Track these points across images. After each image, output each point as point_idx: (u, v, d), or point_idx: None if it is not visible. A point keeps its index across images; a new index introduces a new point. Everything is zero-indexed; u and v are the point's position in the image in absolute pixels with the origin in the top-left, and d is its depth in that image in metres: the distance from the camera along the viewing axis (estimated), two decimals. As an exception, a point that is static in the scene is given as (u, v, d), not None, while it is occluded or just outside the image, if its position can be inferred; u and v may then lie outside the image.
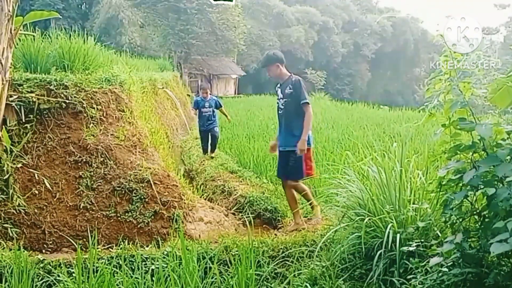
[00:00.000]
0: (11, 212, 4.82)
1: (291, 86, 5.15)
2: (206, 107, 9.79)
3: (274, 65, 5.30)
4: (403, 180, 3.61)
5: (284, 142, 5.27)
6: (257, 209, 6.08)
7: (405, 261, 3.17)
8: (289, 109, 5.18)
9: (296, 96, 5.11)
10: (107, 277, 3.43)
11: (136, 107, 6.50)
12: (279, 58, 5.36)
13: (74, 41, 6.21)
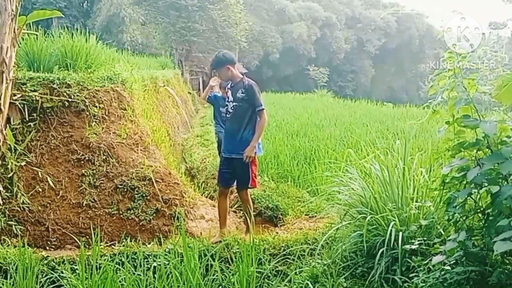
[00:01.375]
0: (16, 209, 4.86)
1: (243, 90, 4.80)
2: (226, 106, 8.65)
3: (224, 67, 4.91)
4: (406, 178, 3.61)
5: (230, 148, 4.88)
6: (258, 207, 6.08)
7: (408, 259, 3.17)
8: (239, 114, 4.82)
9: (248, 101, 4.78)
10: (109, 274, 3.45)
11: (137, 105, 6.52)
12: (229, 59, 4.97)
13: (76, 39, 6.23)
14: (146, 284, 3.56)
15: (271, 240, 4.44)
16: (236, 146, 4.79)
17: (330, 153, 7.42)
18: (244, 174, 4.81)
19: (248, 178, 4.83)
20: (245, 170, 4.79)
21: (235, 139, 4.81)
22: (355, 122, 12.70)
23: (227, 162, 4.90)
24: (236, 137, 4.80)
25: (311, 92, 28.31)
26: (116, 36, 29.54)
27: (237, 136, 4.80)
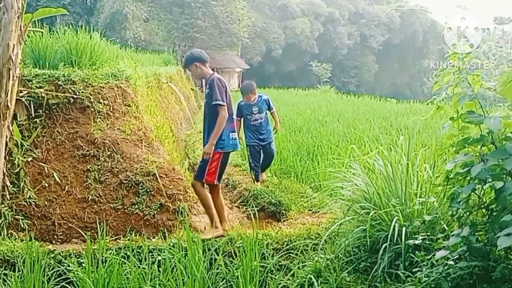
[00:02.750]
0: (22, 204, 4.91)
1: (208, 86, 4.81)
2: (254, 113, 7.09)
3: (192, 66, 4.91)
4: (409, 173, 3.63)
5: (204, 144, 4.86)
6: (261, 203, 6.12)
7: (411, 255, 3.20)
8: (207, 110, 4.85)
9: (210, 96, 4.74)
10: (115, 267, 3.50)
11: (141, 102, 6.55)
12: (196, 57, 4.94)
13: (81, 36, 6.26)
14: (151, 278, 3.61)
15: (274, 235, 4.48)
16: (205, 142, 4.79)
17: (333, 149, 7.44)
18: (201, 165, 4.79)
19: (202, 171, 4.75)
20: (203, 162, 4.76)
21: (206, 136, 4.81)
22: (358, 118, 12.71)
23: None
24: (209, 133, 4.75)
25: (314, 88, 28.33)
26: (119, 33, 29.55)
27: (207, 132, 4.79)
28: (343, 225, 3.89)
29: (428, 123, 10.02)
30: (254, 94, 7.12)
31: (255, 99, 7.10)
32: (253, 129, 7.10)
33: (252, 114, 7.06)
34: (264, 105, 7.12)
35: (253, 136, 7.10)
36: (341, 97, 23.58)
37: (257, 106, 7.05)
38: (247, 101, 7.10)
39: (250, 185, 6.68)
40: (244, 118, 7.14)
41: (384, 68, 51.34)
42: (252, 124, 7.09)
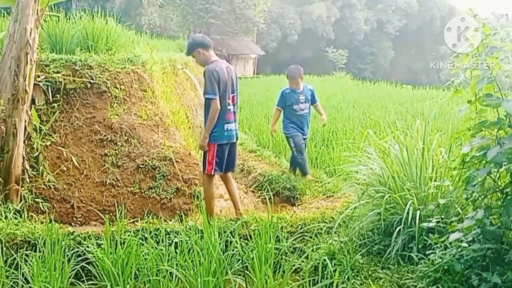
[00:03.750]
0: (42, 187, 5.02)
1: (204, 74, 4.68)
2: (301, 101, 6.39)
3: (195, 52, 4.76)
4: (425, 157, 3.62)
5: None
6: (276, 187, 6.16)
7: (424, 237, 3.22)
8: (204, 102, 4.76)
9: (205, 85, 4.65)
10: (134, 248, 3.57)
11: (157, 87, 6.60)
12: (199, 42, 4.77)
13: (97, 21, 6.32)
14: (168, 259, 3.69)
15: (288, 218, 4.53)
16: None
17: (348, 134, 7.43)
18: (203, 159, 4.82)
19: (204, 164, 4.80)
20: (203, 155, 4.80)
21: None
22: (374, 104, 12.64)
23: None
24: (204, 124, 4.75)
25: (329, 75, 28.09)
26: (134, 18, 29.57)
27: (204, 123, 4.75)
28: (357, 209, 3.91)
29: (444, 109, 9.93)
30: (302, 80, 6.49)
31: (301, 87, 6.46)
32: (298, 121, 6.43)
33: (299, 103, 6.39)
34: (309, 95, 6.50)
35: (297, 128, 6.44)
36: (356, 83, 23.39)
37: (303, 94, 6.42)
38: (294, 88, 6.42)
39: (265, 170, 6.72)
40: (287, 108, 6.45)
41: (401, 54, 50.64)
42: (298, 115, 6.40)
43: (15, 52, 4.83)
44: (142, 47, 7.11)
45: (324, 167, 6.84)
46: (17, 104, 4.79)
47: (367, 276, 3.14)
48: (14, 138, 4.77)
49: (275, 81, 25.63)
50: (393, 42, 49.34)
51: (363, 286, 3.01)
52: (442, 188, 3.49)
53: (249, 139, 9.19)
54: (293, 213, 4.82)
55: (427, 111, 9.42)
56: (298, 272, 3.74)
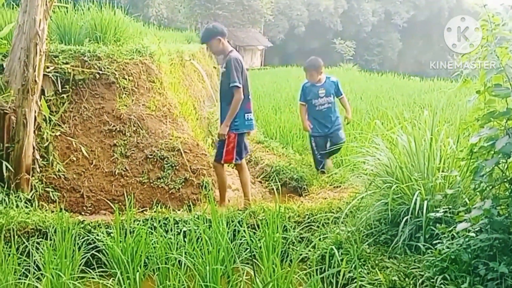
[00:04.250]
0: (52, 177, 5.08)
1: (225, 64, 4.72)
2: (320, 95, 6.09)
3: (215, 40, 4.74)
4: (433, 148, 3.63)
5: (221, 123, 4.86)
6: (283, 178, 6.18)
7: (431, 227, 3.23)
8: (223, 89, 4.78)
9: (227, 76, 4.67)
10: (143, 237, 3.62)
11: (165, 78, 6.63)
12: (220, 31, 4.79)
13: (105, 12, 6.34)
14: (177, 247, 3.73)
15: (296, 208, 4.56)
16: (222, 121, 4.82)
17: (355, 125, 7.42)
18: (218, 148, 4.87)
19: (220, 152, 4.85)
20: (220, 144, 4.85)
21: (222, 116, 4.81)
22: (381, 95, 12.60)
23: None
24: (223, 113, 4.79)
25: (336, 66, 27.98)
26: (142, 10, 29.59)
27: (224, 112, 4.78)
28: (364, 199, 3.93)
29: (452, 101, 9.89)
30: (320, 73, 6.09)
31: (321, 80, 6.11)
32: (319, 116, 6.13)
33: (318, 97, 6.05)
34: (332, 87, 6.11)
35: (318, 125, 6.15)
36: (364, 75, 23.27)
37: (324, 87, 6.07)
38: (312, 81, 6.09)
39: (272, 161, 6.74)
40: (308, 103, 6.16)
41: (408, 46, 50.22)
42: (318, 110, 6.10)
43: (24, 43, 4.86)
44: (150, 38, 7.13)
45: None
46: (27, 95, 4.83)
47: (374, 265, 3.17)
48: (24, 128, 4.82)
49: (283, 72, 25.59)
50: (400, 34, 48.96)
51: (370, 275, 3.04)
52: (449, 179, 3.50)
53: (256, 130, 9.19)
54: (300, 203, 4.85)
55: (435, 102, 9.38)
56: (305, 261, 3.77)
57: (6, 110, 4.81)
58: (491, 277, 2.57)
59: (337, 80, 6.28)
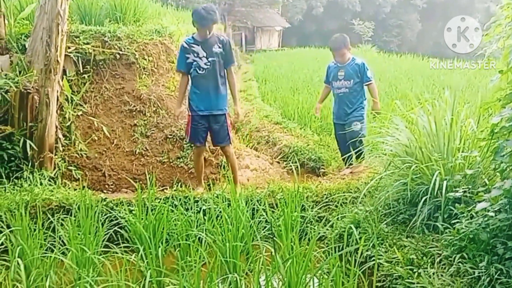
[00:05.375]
0: (74, 156, 5.21)
1: (220, 45, 4.71)
2: (339, 78, 5.49)
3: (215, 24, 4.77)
4: (453, 129, 3.60)
5: (209, 105, 4.75)
6: (301, 159, 6.21)
7: (450, 207, 3.23)
8: (216, 69, 4.71)
9: (225, 56, 4.73)
10: (164, 214, 3.70)
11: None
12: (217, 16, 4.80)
13: (125, -7, 6.38)
14: (197, 225, 3.81)
15: (314, 188, 4.59)
16: (216, 103, 4.77)
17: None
18: (224, 130, 4.85)
19: (228, 134, 4.88)
20: (225, 126, 4.85)
21: (213, 96, 4.75)
22: (400, 77, 12.46)
23: (203, 120, 4.79)
24: (215, 93, 4.75)
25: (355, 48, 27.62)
26: (159, -9, 29.48)
27: (215, 92, 4.75)
28: (383, 179, 3.93)
29: (472, 82, 9.73)
30: (347, 51, 5.49)
31: (348, 59, 5.48)
32: (335, 100, 5.61)
33: (337, 79, 5.48)
34: (356, 71, 5.41)
35: (336, 111, 5.62)
36: (382, 56, 22.97)
37: (344, 70, 5.45)
38: (337, 61, 5.52)
39: (290, 142, 6.77)
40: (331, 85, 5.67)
41: (428, 27, 49.14)
42: (335, 94, 5.57)
43: (46, 23, 4.93)
44: (168, 19, 7.15)
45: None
46: (50, 75, 4.91)
47: (391, 244, 3.19)
48: (47, 108, 4.92)
49: (300, 53, 25.40)
50: (420, 15, 47.91)
51: (387, 254, 3.06)
52: (469, 159, 3.48)
53: (274, 111, 9.22)
54: (318, 183, 4.87)
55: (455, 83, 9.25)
56: (323, 240, 3.81)
57: (29, 90, 4.92)
58: (509, 256, 2.58)
59: (362, 62, 5.48)
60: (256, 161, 6.02)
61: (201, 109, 4.75)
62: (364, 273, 2.90)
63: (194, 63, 4.67)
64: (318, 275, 2.92)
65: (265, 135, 7.50)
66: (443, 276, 2.65)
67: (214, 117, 4.79)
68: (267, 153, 6.80)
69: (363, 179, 4.67)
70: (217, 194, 4.35)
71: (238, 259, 3.30)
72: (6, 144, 4.82)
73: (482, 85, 9.18)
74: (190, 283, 2.81)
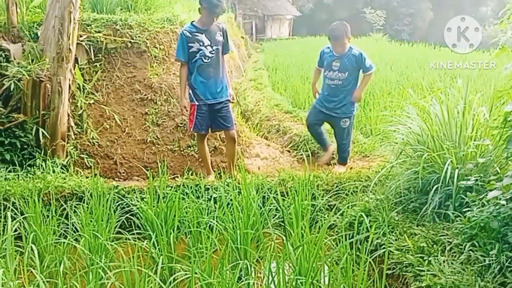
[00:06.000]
0: (86, 144, 5.26)
1: (221, 33, 4.75)
2: (334, 68, 5.11)
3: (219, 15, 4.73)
4: (465, 117, 3.58)
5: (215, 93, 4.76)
6: (312, 147, 6.20)
7: (462, 196, 3.23)
8: (219, 58, 4.76)
9: (225, 44, 4.79)
10: (175, 202, 3.73)
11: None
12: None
13: (136, -19, 6.38)
14: (208, 212, 3.84)
15: (324, 177, 4.59)
16: (221, 90, 4.80)
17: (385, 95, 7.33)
18: (231, 115, 4.90)
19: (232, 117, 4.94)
20: (230, 111, 4.91)
21: (218, 84, 4.78)
22: (411, 65, 12.33)
23: (208, 108, 4.79)
24: (220, 81, 4.79)
25: (366, 36, 27.39)
26: (169, -21, 29.39)
27: (220, 80, 4.79)
28: (394, 168, 3.93)
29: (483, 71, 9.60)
30: (347, 42, 5.07)
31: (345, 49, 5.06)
32: (327, 91, 5.24)
33: (331, 69, 5.12)
34: (352, 63, 5.03)
35: (321, 101, 5.32)
36: (394, 45, 22.75)
37: (340, 61, 5.07)
38: (339, 52, 5.09)
39: (301, 131, 6.75)
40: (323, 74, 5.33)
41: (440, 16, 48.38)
42: (327, 84, 5.22)
43: (58, 11, 4.96)
44: (179, 7, 7.14)
45: (361, 127, 6.82)
46: (62, 63, 4.95)
47: (402, 232, 3.19)
48: (59, 96, 4.97)
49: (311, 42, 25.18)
50: (432, 3, 47.27)
51: (398, 242, 3.07)
52: (481, 148, 3.46)
53: (285, 100, 9.19)
54: (329, 172, 4.88)
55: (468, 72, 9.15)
56: (333, 228, 3.83)
57: (41, 78, 4.96)
58: (521, 244, 2.58)
59: (360, 53, 5.05)
60: (266, 150, 6.03)
61: (208, 97, 4.75)
62: (374, 261, 2.91)
63: (199, 52, 4.63)
64: (328, 263, 2.94)
65: (276, 124, 7.50)
66: (453, 264, 2.65)
67: (220, 104, 4.80)
68: (277, 142, 6.80)
69: (374, 168, 4.66)
70: (227, 182, 4.37)
71: (249, 246, 3.33)
72: (19, 132, 4.89)
73: (493, 74, 9.07)
74: (202, 269, 2.84)
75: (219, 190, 4.18)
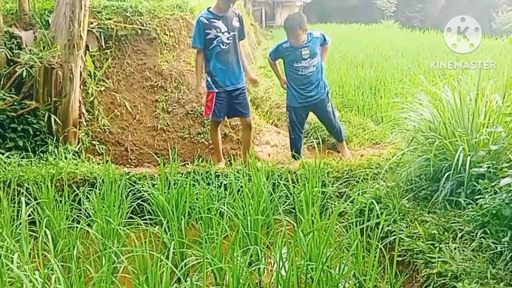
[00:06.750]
0: (97, 130, 5.30)
1: (238, 19, 4.79)
2: (304, 57, 4.93)
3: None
4: (478, 104, 3.54)
5: (235, 80, 4.81)
6: (322, 135, 6.18)
7: (473, 183, 3.20)
8: (236, 43, 4.79)
9: (241, 30, 4.84)
10: (186, 188, 3.76)
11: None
12: None
13: (145, -33, 6.35)
14: (218, 198, 3.86)
15: (334, 164, 4.58)
16: (239, 76, 4.87)
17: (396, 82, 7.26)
18: (248, 101, 5.00)
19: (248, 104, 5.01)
20: (246, 97, 4.99)
21: (237, 70, 4.82)
22: (423, 52, 12.20)
23: (227, 95, 4.79)
24: (238, 67, 4.84)
25: (377, 23, 27.08)
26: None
27: (238, 66, 4.84)
28: (405, 155, 3.90)
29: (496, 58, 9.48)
30: (302, 33, 4.91)
31: (303, 41, 4.92)
32: (300, 83, 5.03)
33: (302, 59, 4.93)
34: (317, 45, 4.98)
35: (298, 93, 5.07)
36: (405, 32, 22.48)
37: (308, 48, 4.93)
38: (293, 43, 4.93)
39: (310, 118, 6.72)
40: (286, 66, 5.12)
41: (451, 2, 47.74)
42: (301, 75, 4.98)
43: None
44: (189, -6, 7.10)
45: (371, 114, 6.78)
46: (73, 50, 4.97)
47: (413, 219, 3.18)
48: (70, 83, 5.00)
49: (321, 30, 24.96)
50: (445, -11, 46.59)
51: (408, 229, 3.06)
52: (494, 135, 3.42)
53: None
54: (339, 159, 4.86)
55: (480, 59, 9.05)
56: (343, 215, 3.82)
57: (53, 65, 4.99)
58: (533, 232, 2.56)
59: (320, 33, 5.09)
60: (276, 137, 6.03)
61: (227, 84, 4.77)
62: (385, 247, 2.91)
63: (217, 38, 4.62)
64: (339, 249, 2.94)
65: (285, 112, 7.46)
66: (464, 251, 2.65)
67: (238, 90, 4.84)
68: (287, 130, 6.78)
69: (385, 155, 4.63)
70: (238, 169, 4.38)
71: (260, 232, 3.35)
72: (31, 118, 4.93)
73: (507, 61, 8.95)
74: (213, 254, 2.87)
75: (230, 177, 4.20)
